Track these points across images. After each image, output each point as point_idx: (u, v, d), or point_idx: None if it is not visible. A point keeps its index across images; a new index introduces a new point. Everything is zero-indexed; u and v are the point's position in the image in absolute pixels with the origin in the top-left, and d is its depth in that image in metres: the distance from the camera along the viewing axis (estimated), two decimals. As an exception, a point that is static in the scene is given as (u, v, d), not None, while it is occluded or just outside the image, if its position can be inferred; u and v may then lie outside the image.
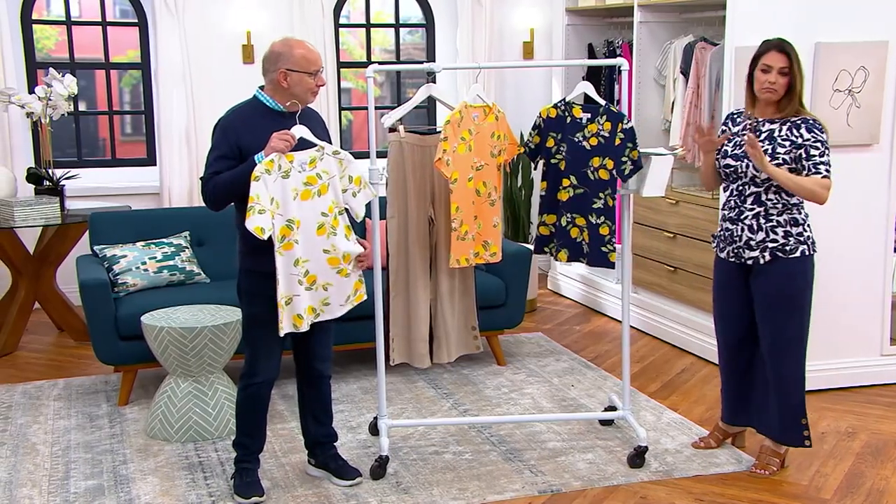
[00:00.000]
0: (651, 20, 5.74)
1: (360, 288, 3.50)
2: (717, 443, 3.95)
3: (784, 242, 3.57)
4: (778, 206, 3.57)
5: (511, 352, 5.30)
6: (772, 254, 3.58)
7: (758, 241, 3.59)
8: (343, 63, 6.85)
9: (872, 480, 3.71)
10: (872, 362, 4.72)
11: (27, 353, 5.43)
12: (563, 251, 3.92)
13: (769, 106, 3.60)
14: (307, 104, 3.41)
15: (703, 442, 3.97)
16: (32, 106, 5.43)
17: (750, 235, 3.61)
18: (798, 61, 3.52)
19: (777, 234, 3.57)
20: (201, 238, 5.13)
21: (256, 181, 3.23)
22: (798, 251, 3.58)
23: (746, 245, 3.62)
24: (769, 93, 3.54)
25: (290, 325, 3.36)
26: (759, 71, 3.55)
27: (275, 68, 3.33)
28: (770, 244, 3.58)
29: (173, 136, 6.26)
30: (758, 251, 3.60)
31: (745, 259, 3.64)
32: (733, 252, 3.67)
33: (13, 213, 5.15)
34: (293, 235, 3.31)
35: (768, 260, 3.59)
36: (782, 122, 3.57)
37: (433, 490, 3.61)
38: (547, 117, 3.89)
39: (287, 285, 3.32)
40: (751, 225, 3.60)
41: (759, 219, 3.58)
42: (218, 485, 3.68)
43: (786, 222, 3.57)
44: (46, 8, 6.44)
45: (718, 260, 3.79)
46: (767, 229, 3.58)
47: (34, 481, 3.73)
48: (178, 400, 4.11)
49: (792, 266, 3.59)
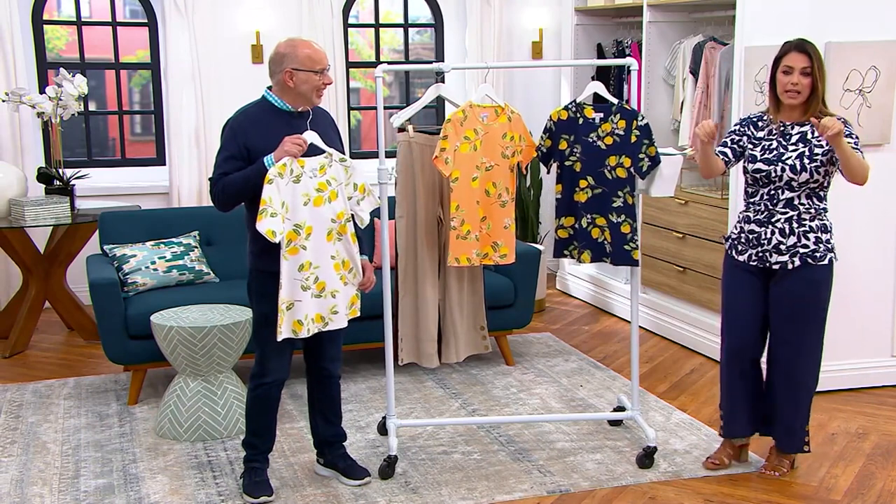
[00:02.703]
0: (660, 20, 5.73)
1: (355, 302, 3.49)
2: (729, 459, 3.79)
3: (815, 249, 3.51)
4: (811, 210, 3.52)
5: (520, 352, 5.29)
6: (801, 259, 3.51)
7: (788, 246, 3.52)
8: (352, 63, 6.85)
9: (883, 482, 3.70)
10: (883, 363, 4.70)
11: (37, 352, 5.45)
12: (587, 252, 3.90)
13: (794, 109, 3.53)
14: (314, 104, 3.42)
15: (716, 461, 3.78)
16: (43, 106, 5.45)
17: (780, 239, 3.52)
18: (820, 60, 3.45)
19: (809, 239, 3.51)
20: (211, 238, 5.14)
21: (269, 184, 3.24)
22: (826, 258, 3.53)
23: (775, 249, 3.54)
24: (793, 95, 3.47)
25: (290, 331, 3.35)
26: (780, 73, 3.48)
27: (280, 69, 3.34)
28: (801, 249, 3.51)
29: (183, 135, 6.28)
30: (787, 256, 3.52)
31: (771, 263, 3.55)
32: (757, 255, 3.58)
33: (24, 213, 5.17)
34: (299, 241, 3.31)
35: (797, 266, 3.52)
36: (811, 124, 3.49)
37: (442, 490, 3.61)
38: (558, 120, 3.88)
39: (290, 290, 3.32)
40: (783, 229, 3.52)
41: (791, 223, 3.51)
42: (227, 484, 3.68)
43: (818, 228, 3.52)
44: (57, 8, 6.46)
45: (734, 263, 3.68)
46: (800, 234, 3.51)
47: (45, 479, 3.74)
48: (187, 399, 4.12)
49: (819, 273, 3.53)
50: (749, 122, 3.69)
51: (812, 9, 4.34)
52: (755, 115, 3.70)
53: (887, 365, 4.70)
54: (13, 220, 5.28)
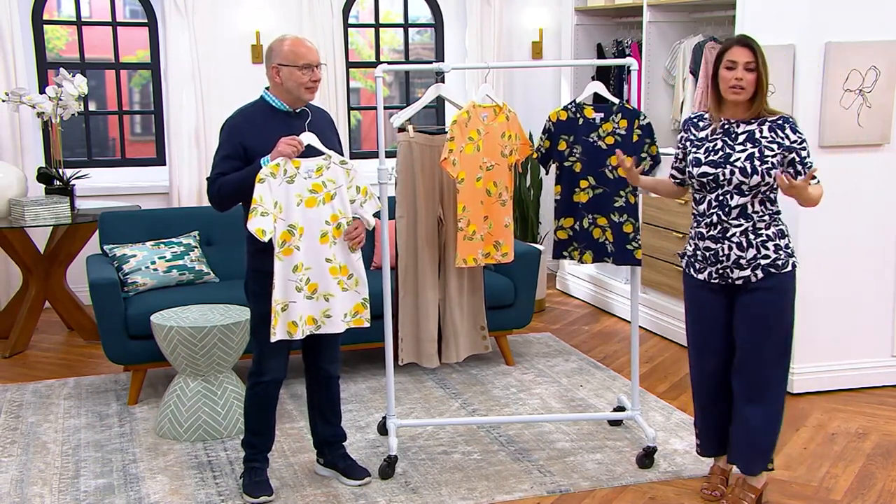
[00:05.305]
0: (660, 20, 5.73)
1: (361, 311, 3.45)
2: (724, 484, 3.55)
3: (776, 257, 3.27)
4: (765, 218, 3.28)
5: (520, 352, 5.29)
6: (764, 271, 3.27)
7: (748, 259, 3.27)
8: (352, 63, 6.85)
9: (883, 482, 3.70)
10: (883, 363, 4.70)
11: (37, 352, 5.45)
12: (588, 253, 3.89)
13: (737, 106, 3.28)
14: (305, 100, 3.41)
15: (716, 491, 3.52)
16: (43, 106, 5.45)
17: (739, 254, 3.28)
18: (762, 56, 3.22)
19: (768, 248, 3.27)
20: (210, 238, 5.15)
21: (261, 184, 3.24)
22: (789, 265, 3.29)
23: (735, 264, 3.29)
24: (737, 91, 3.22)
25: (284, 332, 3.35)
26: (723, 69, 3.24)
27: (269, 65, 3.35)
28: (762, 261, 3.27)
29: (183, 135, 6.28)
30: (749, 270, 3.28)
31: (734, 279, 3.31)
32: (717, 272, 3.33)
33: (24, 213, 5.17)
34: (293, 241, 3.31)
35: (761, 277, 3.28)
36: (759, 121, 3.27)
37: (442, 490, 3.61)
38: (557, 120, 3.88)
39: (283, 291, 3.32)
40: (739, 242, 3.27)
41: (747, 235, 3.27)
42: (227, 484, 3.68)
43: (775, 235, 3.28)
44: (57, 8, 6.46)
45: (694, 282, 3.43)
46: (758, 245, 3.27)
47: (45, 479, 3.74)
48: (187, 399, 4.12)
49: (783, 282, 3.29)
50: (689, 122, 3.45)
51: (812, 9, 4.34)
52: (694, 115, 3.46)
53: (887, 365, 4.70)
54: (13, 220, 5.28)
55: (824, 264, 4.51)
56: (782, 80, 4.38)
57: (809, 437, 4.12)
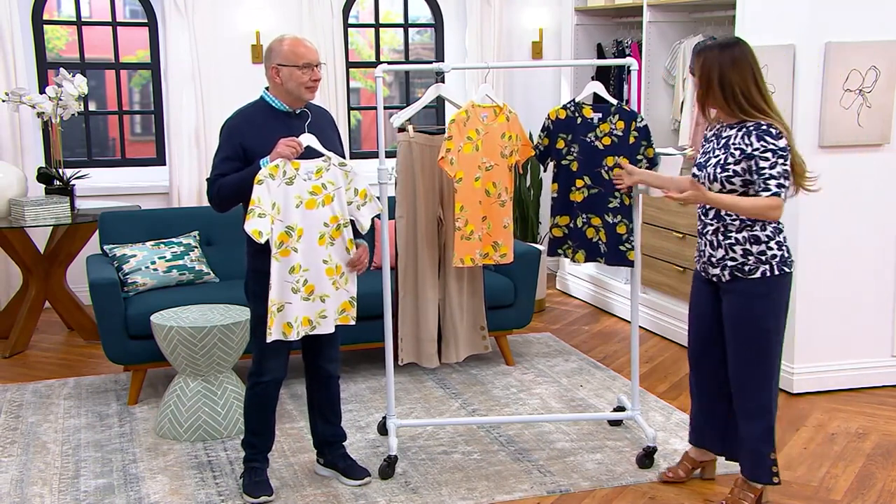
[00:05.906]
0: (660, 20, 5.73)
1: (348, 309, 3.45)
2: (685, 473, 3.66)
3: (743, 262, 3.28)
4: (736, 222, 3.28)
5: (520, 352, 5.29)
6: (731, 273, 3.30)
7: (718, 259, 3.33)
8: (352, 63, 6.85)
9: (883, 482, 3.70)
10: (883, 363, 4.70)
11: (37, 352, 5.45)
12: (581, 252, 3.90)
13: (720, 111, 3.33)
14: (305, 100, 3.41)
15: (671, 472, 3.66)
16: (43, 106, 5.45)
17: (711, 252, 3.36)
18: (706, 61, 3.27)
19: (735, 251, 3.28)
20: (210, 238, 5.15)
21: (259, 185, 3.23)
22: (758, 272, 3.26)
23: (709, 261, 3.38)
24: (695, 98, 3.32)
25: (280, 333, 3.35)
26: None
27: (268, 65, 3.35)
28: (729, 262, 3.30)
29: (183, 135, 6.28)
30: (719, 269, 3.34)
31: (711, 276, 3.40)
32: (701, 267, 3.45)
33: (24, 213, 5.17)
34: (291, 242, 3.31)
35: (728, 279, 3.32)
36: (739, 127, 3.26)
37: (442, 490, 3.61)
38: (556, 119, 3.88)
39: (280, 292, 3.32)
40: (711, 241, 3.35)
41: (718, 235, 3.32)
42: (227, 484, 3.68)
43: (745, 240, 3.27)
44: (57, 8, 6.46)
45: (696, 272, 3.53)
46: (726, 246, 3.30)
47: (45, 479, 3.74)
48: (187, 399, 4.12)
49: (752, 287, 3.28)
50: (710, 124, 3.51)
51: (812, 9, 4.33)
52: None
53: (887, 365, 4.70)
54: (13, 220, 5.28)
55: (824, 264, 4.51)
56: (782, 80, 4.38)
57: (809, 437, 4.12)
